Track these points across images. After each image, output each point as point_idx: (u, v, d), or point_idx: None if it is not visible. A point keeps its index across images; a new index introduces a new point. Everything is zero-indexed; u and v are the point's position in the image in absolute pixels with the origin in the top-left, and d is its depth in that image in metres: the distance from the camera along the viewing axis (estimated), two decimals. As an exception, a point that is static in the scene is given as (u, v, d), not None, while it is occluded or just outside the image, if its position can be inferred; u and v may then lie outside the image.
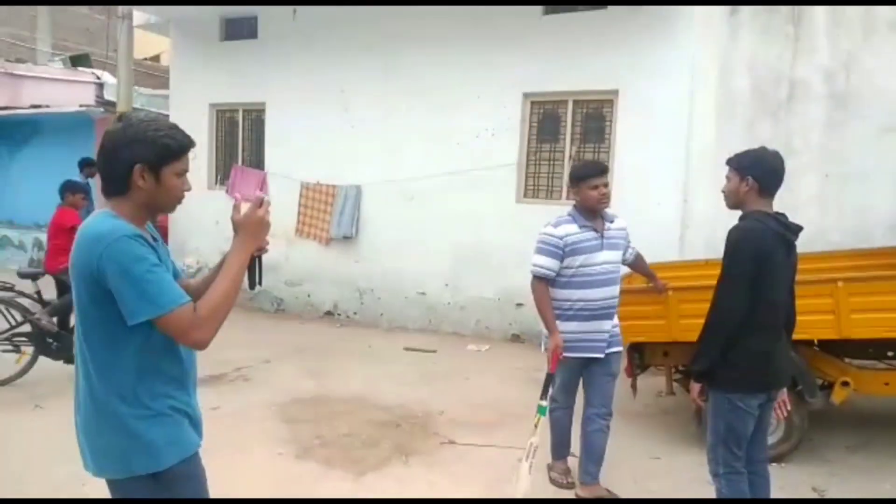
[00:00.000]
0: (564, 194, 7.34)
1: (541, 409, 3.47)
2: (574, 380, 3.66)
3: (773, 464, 4.12)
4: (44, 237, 9.04)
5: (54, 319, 5.67)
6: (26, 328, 5.64)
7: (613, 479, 3.70)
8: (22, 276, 5.69)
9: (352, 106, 8.40)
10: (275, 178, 8.94)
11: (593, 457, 3.56)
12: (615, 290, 3.53)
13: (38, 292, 5.69)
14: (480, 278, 7.61)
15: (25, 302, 5.64)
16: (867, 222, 6.02)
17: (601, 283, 3.46)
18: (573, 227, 3.47)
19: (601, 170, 3.51)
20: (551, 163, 7.53)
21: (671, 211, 6.73)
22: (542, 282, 3.53)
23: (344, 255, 8.54)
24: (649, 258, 5.96)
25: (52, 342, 5.64)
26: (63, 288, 5.78)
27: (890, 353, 4.47)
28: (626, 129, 6.98)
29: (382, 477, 4.00)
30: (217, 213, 9.32)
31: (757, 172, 2.78)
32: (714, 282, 4.72)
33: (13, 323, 5.64)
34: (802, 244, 5.81)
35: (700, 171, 6.67)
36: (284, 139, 8.87)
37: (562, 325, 3.48)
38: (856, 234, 5.96)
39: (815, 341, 4.29)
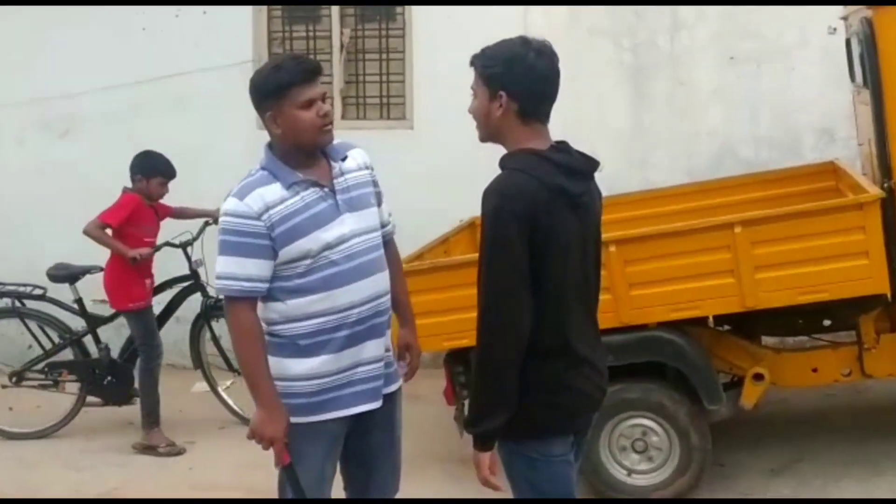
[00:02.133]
0: (338, 110, 7.58)
1: None
2: (331, 461, 3.51)
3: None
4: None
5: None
6: (68, 354, 6.50)
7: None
8: (54, 278, 6.40)
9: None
10: None
11: None
12: (384, 279, 3.43)
13: (79, 300, 6.43)
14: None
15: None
16: (790, 126, 6.86)
17: (358, 272, 3.34)
18: (275, 190, 3.28)
19: (312, 69, 3.32)
20: (311, 56, 7.67)
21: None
22: (242, 305, 3.32)
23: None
24: (470, 208, 6.07)
25: (104, 376, 6.35)
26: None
27: (826, 323, 5.20)
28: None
29: None
30: None
31: (514, 85, 2.82)
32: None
33: (49, 347, 6.50)
34: (702, 170, 6.72)
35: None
36: None
37: (297, 366, 3.37)
38: (777, 145, 6.79)
39: (712, 318, 4.87)
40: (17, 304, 6.57)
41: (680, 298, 4.69)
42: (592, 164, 2.92)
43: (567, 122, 7.07)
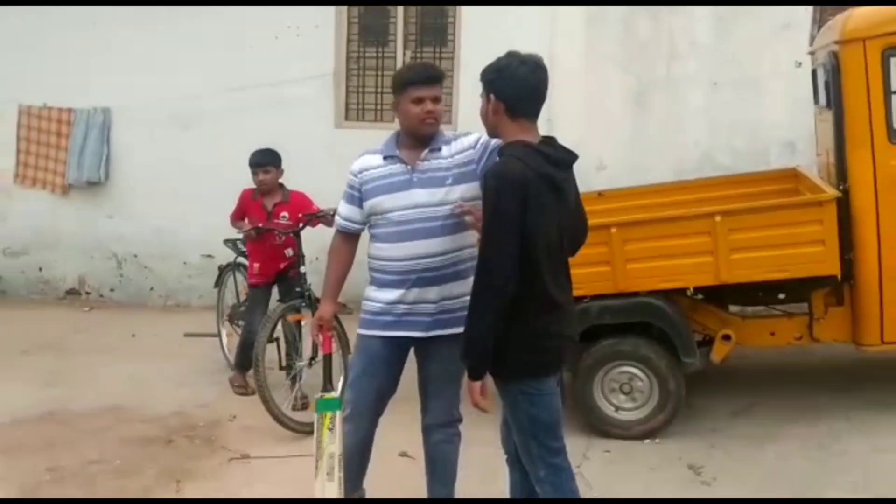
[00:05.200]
0: (399, 116, 7.47)
1: (327, 404, 3.44)
2: (375, 369, 3.47)
3: (647, 440, 4.59)
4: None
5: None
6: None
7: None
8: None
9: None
10: (-26, 102, 8.27)
11: (440, 476, 3.55)
12: (441, 244, 3.33)
13: None
14: (289, 232, 7.57)
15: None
16: (761, 140, 6.71)
17: (409, 234, 3.32)
18: (375, 160, 3.42)
19: (430, 76, 3.37)
20: (380, 73, 7.59)
21: (532, 134, 7.05)
22: (338, 235, 3.56)
23: (91, 207, 8.18)
24: None
25: None
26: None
27: (781, 296, 5.01)
28: (473, 29, 7.17)
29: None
30: None
31: (500, 89, 2.85)
32: (602, 219, 5.09)
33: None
34: (687, 172, 6.60)
35: (566, 82, 6.98)
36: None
37: (369, 291, 3.47)
38: (748, 155, 6.63)
39: (691, 289, 4.72)
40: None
41: (667, 272, 4.59)
42: (572, 157, 2.93)
43: (581, 133, 7.07)
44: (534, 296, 2.81)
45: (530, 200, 2.72)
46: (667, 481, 4.16)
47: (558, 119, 7.03)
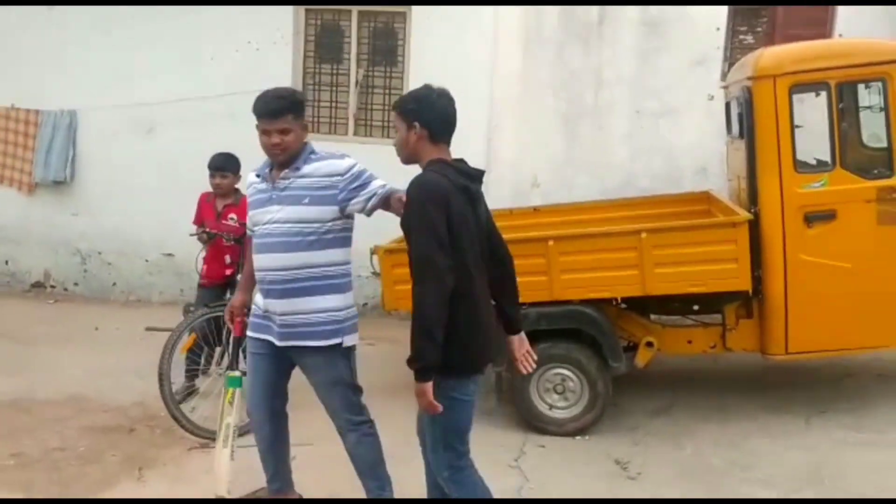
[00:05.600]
0: (351, 129, 7.30)
1: (230, 381, 3.59)
2: (256, 365, 3.39)
3: (578, 437, 4.51)
4: None
5: None
6: None
7: (405, 477, 3.68)
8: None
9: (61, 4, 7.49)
10: (-60, 98, 7.80)
11: (363, 471, 3.41)
12: (292, 258, 3.19)
13: None
14: (246, 233, 7.35)
15: None
16: (677, 165, 6.71)
17: (266, 247, 3.25)
18: (253, 177, 3.40)
19: (272, 111, 3.19)
20: (334, 89, 7.40)
21: (474, 151, 6.80)
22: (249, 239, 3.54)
23: (56, 205, 7.82)
24: None
25: None
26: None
27: (696, 307, 5.01)
28: (420, 50, 7.04)
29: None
30: None
31: (424, 117, 2.85)
32: (518, 234, 5.00)
33: None
34: (611, 191, 6.59)
35: (505, 106, 6.96)
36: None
37: (256, 295, 3.44)
38: (666, 177, 6.63)
39: (619, 299, 4.66)
40: None
41: (597, 283, 4.52)
42: (481, 172, 2.97)
43: (516, 152, 7.00)
44: (462, 298, 2.75)
45: (452, 208, 2.72)
46: (597, 476, 4.09)
47: (497, 138, 6.97)
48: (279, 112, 3.18)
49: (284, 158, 3.23)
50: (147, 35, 7.35)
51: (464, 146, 6.63)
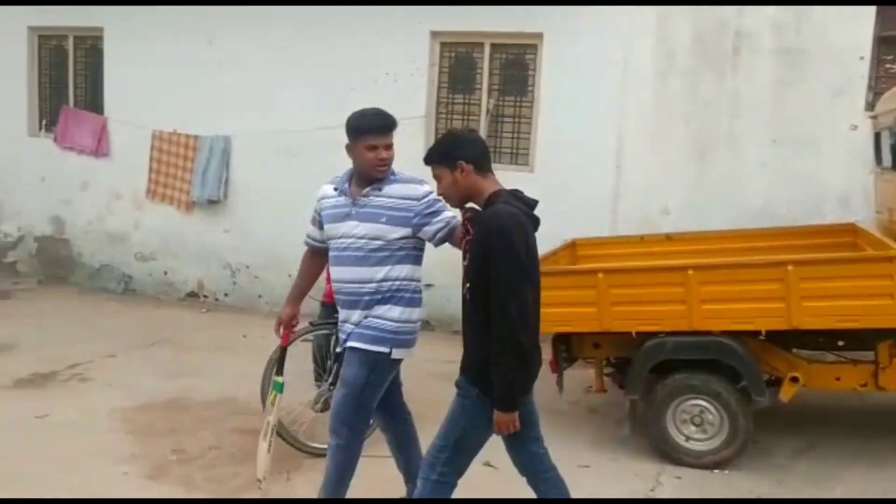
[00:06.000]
0: (480, 155, 7.26)
1: (276, 386, 3.78)
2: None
3: (716, 470, 4.24)
4: None
5: None
6: None
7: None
8: None
9: (218, 36, 7.91)
10: (118, 125, 8.35)
11: (326, 480, 3.41)
12: (364, 273, 3.23)
13: None
14: (380, 254, 7.43)
15: None
16: (816, 194, 6.27)
17: (345, 260, 3.27)
18: (330, 190, 3.41)
19: (384, 126, 3.24)
20: (466, 117, 7.41)
21: (602, 179, 6.78)
22: (307, 249, 3.64)
23: (210, 223, 8.15)
24: (575, 232, 6.12)
25: None
26: None
27: (841, 343, 4.65)
28: (551, 80, 6.96)
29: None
30: (43, 167, 8.66)
31: (464, 153, 2.84)
32: (653, 262, 4.80)
33: None
34: (750, 220, 6.23)
35: (635, 133, 6.75)
36: (129, 76, 8.26)
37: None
38: (805, 207, 6.20)
39: (763, 332, 4.37)
40: None
41: (740, 314, 4.22)
42: (535, 201, 2.89)
43: (646, 179, 6.77)
44: (535, 326, 2.79)
45: (529, 239, 2.72)
46: (741, 513, 3.83)
47: (627, 166, 6.76)
48: (391, 127, 3.27)
49: (385, 175, 3.26)
50: (294, 67, 7.61)
51: (592, 173, 6.77)
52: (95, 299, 8.14)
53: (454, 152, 2.84)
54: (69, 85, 8.75)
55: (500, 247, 2.65)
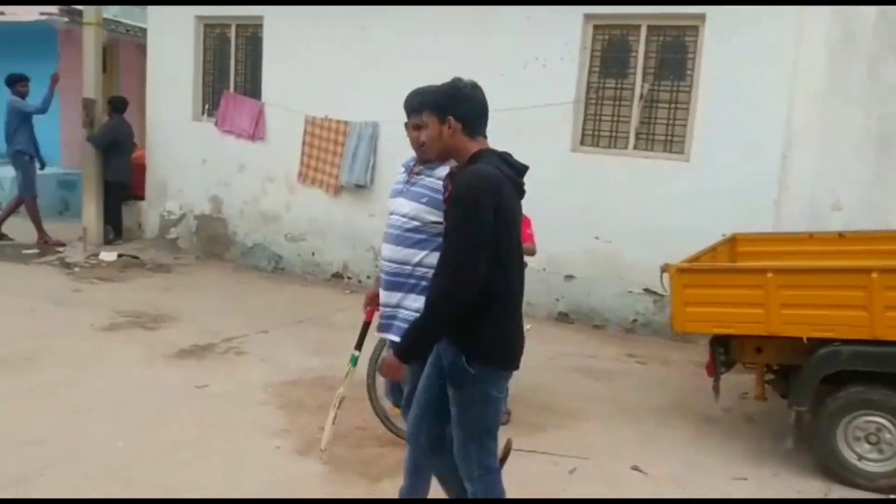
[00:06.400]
0: (632, 142, 7.01)
1: (352, 359, 3.87)
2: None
3: (893, 496, 3.86)
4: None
5: None
6: None
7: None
8: None
9: (370, 24, 8.03)
10: (274, 109, 8.67)
11: None
12: (402, 253, 3.18)
13: None
14: (523, 243, 7.34)
15: None
16: None
17: (389, 237, 3.28)
18: (401, 166, 3.49)
19: (406, 106, 3.29)
20: (617, 103, 7.15)
21: (766, 170, 6.34)
22: None
23: (356, 207, 8.33)
24: (733, 227, 5.78)
25: None
26: None
27: None
28: (712, 64, 6.58)
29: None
30: (204, 149, 9.15)
31: (457, 110, 2.72)
32: (825, 262, 4.42)
33: None
34: None
35: (805, 122, 6.26)
36: (286, 62, 8.56)
37: None
38: None
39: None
40: None
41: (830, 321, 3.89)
42: (526, 168, 2.80)
43: (815, 172, 6.26)
44: (506, 293, 2.67)
45: (503, 203, 2.59)
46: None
47: (795, 157, 6.29)
48: (411, 108, 3.25)
49: (424, 157, 3.22)
50: (442, 55, 7.57)
51: (754, 164, 6.34)
52: (248, 276, 8.53)
53: (448, 107, 2.74)
54: (230, 71, 9.18)
55: (462, 209, 2.58)
